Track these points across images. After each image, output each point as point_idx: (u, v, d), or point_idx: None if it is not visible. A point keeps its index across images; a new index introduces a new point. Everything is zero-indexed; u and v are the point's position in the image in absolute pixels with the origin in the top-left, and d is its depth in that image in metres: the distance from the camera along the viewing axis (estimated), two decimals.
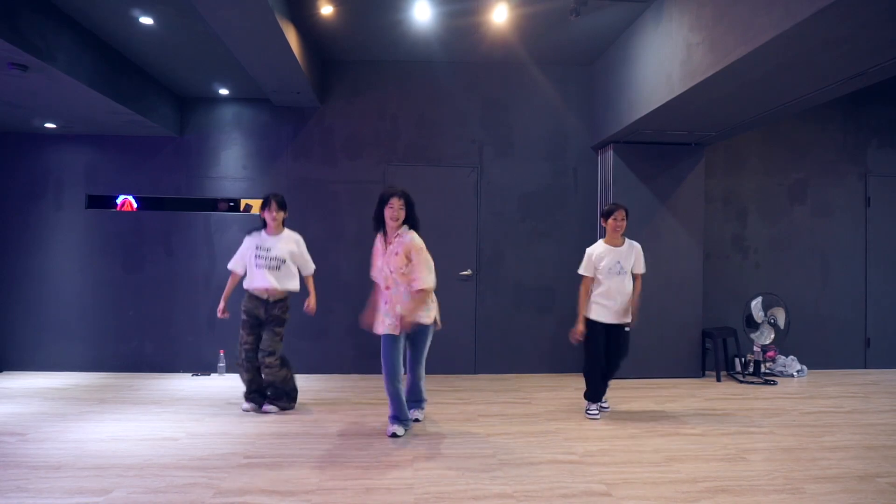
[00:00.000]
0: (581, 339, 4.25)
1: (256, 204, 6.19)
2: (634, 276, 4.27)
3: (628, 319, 4.23)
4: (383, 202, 3.70)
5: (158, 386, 5.25)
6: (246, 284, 4.26)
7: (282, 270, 4.21)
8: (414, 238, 3.68)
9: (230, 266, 4.38)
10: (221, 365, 5.72)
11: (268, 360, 4.20)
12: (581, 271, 4.34)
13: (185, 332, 5.87)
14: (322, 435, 3.84)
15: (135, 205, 6.08)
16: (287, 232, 4.33)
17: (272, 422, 4.12)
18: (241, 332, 4.29)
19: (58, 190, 5.89)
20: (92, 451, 3.47)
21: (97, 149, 5.92)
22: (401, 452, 3.50)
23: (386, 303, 3.71)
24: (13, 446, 3.54)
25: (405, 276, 3.66)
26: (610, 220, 4.22)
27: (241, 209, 6.17)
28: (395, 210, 3.66)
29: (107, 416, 4.22)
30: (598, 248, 4.29)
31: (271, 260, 4.19)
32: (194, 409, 4.44)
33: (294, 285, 4.28)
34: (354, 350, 5.88)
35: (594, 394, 4.34)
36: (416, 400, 4.09)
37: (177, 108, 5.92)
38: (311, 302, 4.40)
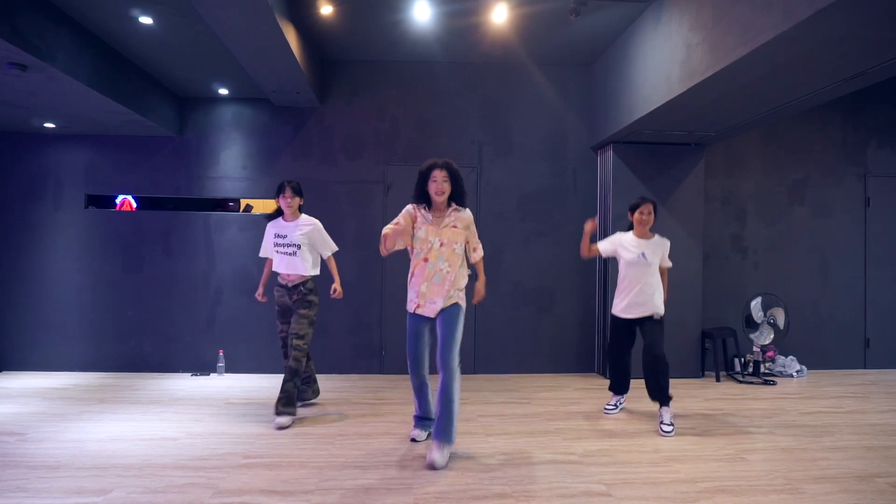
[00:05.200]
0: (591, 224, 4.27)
1: (257, 204, 6.20)
2: (661, 271, 4.28)
3: (654, 311, 4.16)
4: (425, 177, 3.42)
5: (158, 386, 5.25)
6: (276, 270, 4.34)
7: (298, 256, 4.18)
8: (469, 213, 3.56)
9: (262, 254, 4.41)
10: (221, 365, 5.71)
11: (295, 341, 4.08)
12: (599, 243, 4.41)
13: (185, 332, 5.87)
14: (321, 435, 3.84)
15: (134, 205, 6.08)
16: (304, 217, 4.30)
17: (271, 422, 4.11)
18: (276, 322, 4.39)
19: (57, 190, 5.88)
20: (91, 451, 3.47)
21: (96, 149, 5.92)
22: (400, 452, 3.49)
23: (416, 277, 3.42)
24: (12, 446, 3.54)
25: (456, 255, 3.42)
26: (636, 214, 4.23)
27: (241, 209, 6.17)
28: (439, 184, 3.38)
29: (106, 416, 4.22)
30: (626, 236, 4.32)
31: (286, 246, 4.20)
32: (193, 409, 4.44)
33: (310, 270, 4.24)
34: (354, 350, 5.88)
35: (612, 384, 4.45)
36: (442, 434, 3.26)
37: (176, 108, 5.92)
38: (336, 286, 4.35)
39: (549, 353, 5.98)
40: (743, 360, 5.87)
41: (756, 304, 5.73)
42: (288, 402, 4.06)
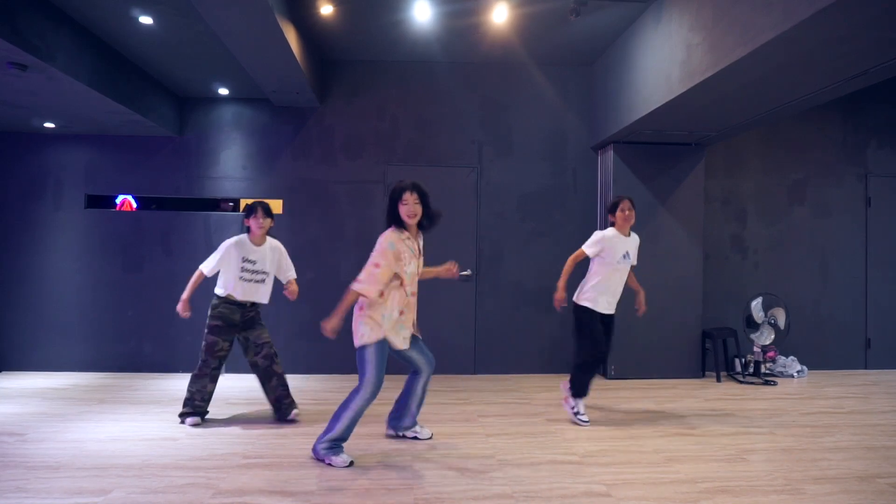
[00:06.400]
0: (563, 305, 4.21)
1: None
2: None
3: (613, 310, 4.25)
4: (396, 199, 3.33)
5: (157, 386, 5.24)
6: (223, 291, 4.03)
7: (267, 284, 4.12)
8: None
9: (204, 268, 4.07)
10: None
11: (273, 349, 4.17)
12: (586, 248, 4.18)
13: (184, 332, 5.86)
14: None
15: (134, 205, 6.08)
16: (270, 241, 4.16)
17: (271, 422, 4.12)
18: (211, 338, 4.01)
19: (57, 190, 5.88)
20: (91, 451, 3.47)
21: (96, 149, 5.91)
22: (400, 453, 3.49)
23: (404, 313, 3.45)
24: (12, 446, 3.53)
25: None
26: (618, 212, 4.15)
27: (241, 209, 6.16)
28: (410, 206, 3.30)
29: (106, 417, 4.22)
30: (610, 233, 4.15)
31: (257, 273, 4.05)
32: None
33: (268, 295, 4.18)
34: (353, 350, 5.86)
35: (583, 388, 4.13)
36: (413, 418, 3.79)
37: (176, 108, 5.92)
38: (292, 285, 4.20)
39: (549, 353, 5.98)
40: (743, 360, 5.86)
41: (756, 305, 5.73)
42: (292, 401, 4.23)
